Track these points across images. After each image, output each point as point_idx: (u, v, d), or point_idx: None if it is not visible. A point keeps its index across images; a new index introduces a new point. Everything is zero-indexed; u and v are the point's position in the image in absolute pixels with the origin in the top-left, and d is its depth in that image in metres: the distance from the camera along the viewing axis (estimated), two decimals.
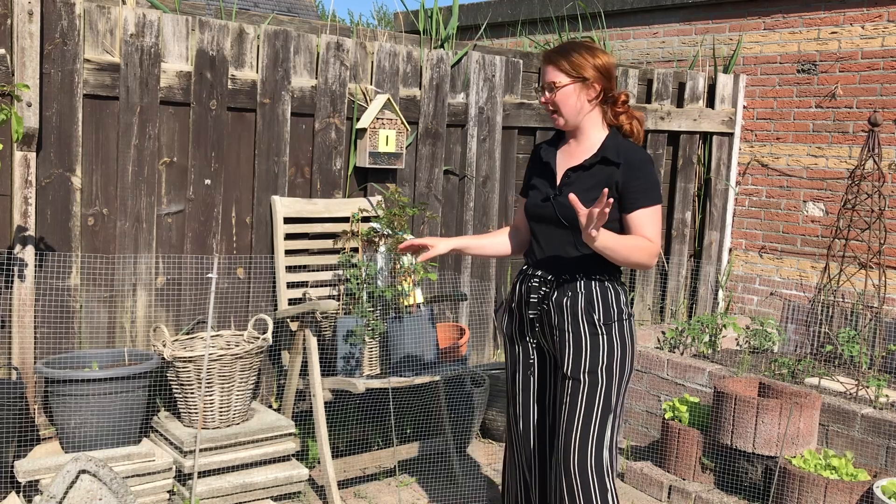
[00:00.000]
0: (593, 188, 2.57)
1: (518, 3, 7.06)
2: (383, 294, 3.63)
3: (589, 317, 2.60)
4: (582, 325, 2.60)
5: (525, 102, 4.78)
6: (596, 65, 2.60)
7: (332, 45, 4.00)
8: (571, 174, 2.64)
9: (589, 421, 2.59)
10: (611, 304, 2.62)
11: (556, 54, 2.62)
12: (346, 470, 3.67)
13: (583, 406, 2.59)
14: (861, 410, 3.91)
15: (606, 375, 2.60)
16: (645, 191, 2.56)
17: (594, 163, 2.60)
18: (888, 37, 4.98)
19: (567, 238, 2.63)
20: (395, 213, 3.83)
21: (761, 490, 3.75)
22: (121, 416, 3.19)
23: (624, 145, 2.61)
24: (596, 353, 2.59)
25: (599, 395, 2.59)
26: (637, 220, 2.57)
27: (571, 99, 2.61)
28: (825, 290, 4.54)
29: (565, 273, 2.64)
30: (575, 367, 2.61)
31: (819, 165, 5.32)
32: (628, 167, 2.56)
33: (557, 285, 2.65)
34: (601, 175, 2.59)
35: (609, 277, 2.64)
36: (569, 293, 2.62)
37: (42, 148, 3.34)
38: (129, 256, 3.56)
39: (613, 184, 2.56)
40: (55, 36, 3.31)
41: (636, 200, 2.56)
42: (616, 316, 2.62)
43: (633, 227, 2.58)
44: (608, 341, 2.61)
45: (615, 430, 2.64)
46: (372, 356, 3.68)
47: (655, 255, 2.56)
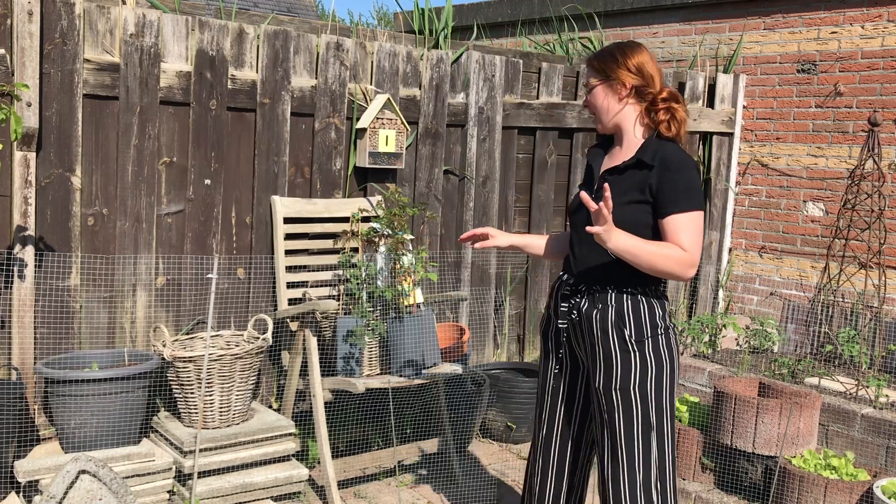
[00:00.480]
0: (627, 192, 2.49)
1: (518, 3, 7.06)
2: (383, 294, 3.63)
3: (619, 332, 2.50)
4: (612, 341, 2.51)
5: (525, 102, 4.78)
6: (626, 63, 2.53)
7: (332, 45, 4.00)
8: (608, 177, 2.55)
9: (631, 440, 2.52)
10: (643, 319, 2.51)
11: (592, 56, 2.60)
12: (346, 470, 3.67)
13: (621, 425, 2.52)
14: (861, 410, 3.91)
15: (640, 393, 2.50)
16: (679, 194, 2.43)
17: (629, 165, 2.51)
18: (888, 37, 4.98)
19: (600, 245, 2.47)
20: (395, 213, 3.83)
21: (761, 490, 3.75)
22: (121, 417, 3.19)
23: (662, 147, 2.50)
24: (627, 371, 2.50)
25: (637, 414, 2.51)
26: (670, 227, 2.43)
27: (599, 99, 2.57)
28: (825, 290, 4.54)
29: (596, 283, 2.54)
30: (606, 383, 2.53)
31: (819, 165, 5.32)
32: (662, 169, 2.45)
33: (588, 295, 2.56)
34: (635, 178, 2.49)
35: (643, 290, 2.52)
36: (599, 305, 2.53)
37: (42, 148, 3.34)
38: (129, 256, 3.56)
39: (647, 187, 2.46)
40: (55, 36, 3.31)
41: (669, 205, 2.44)
42: (649, 332, 2.51)
43: (666, 234, 2.45)
44: (640, 358, 2.50)
45: (665, 448, 2.54)
46: (372, 356, 3.68)
47: (689, 265, 2.41)
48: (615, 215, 2.43)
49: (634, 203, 2.48)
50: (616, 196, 2.47)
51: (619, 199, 2.47)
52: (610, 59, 2.55)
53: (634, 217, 2.48)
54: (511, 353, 4.96)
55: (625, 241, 2.36)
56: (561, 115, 4.93)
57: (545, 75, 4.85)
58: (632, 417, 2.51)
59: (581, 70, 5.03)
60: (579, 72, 5.03)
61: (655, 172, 2.46)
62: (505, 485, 3.93)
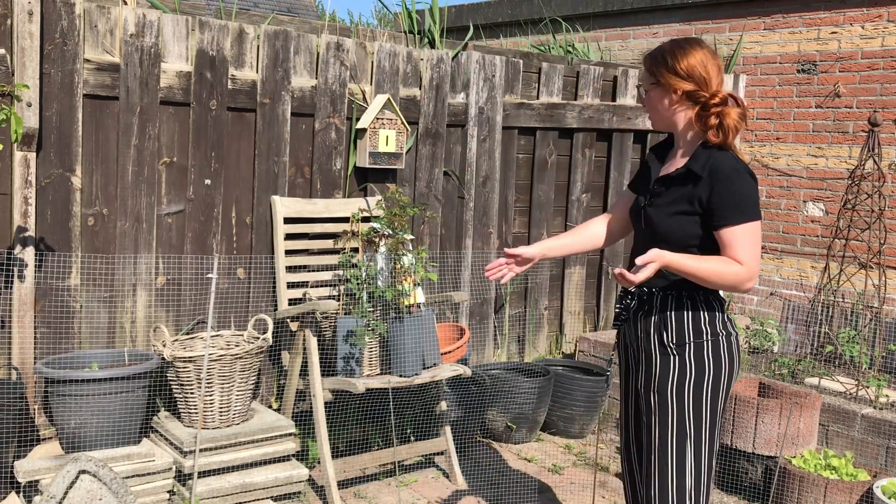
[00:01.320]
0: (676, 202, 2.43)
1: (518, 3, 7.06)
2: (383, 294, 3.63)
3: (659, 336, 2.48)
4: (653, 344, 2.49)
5: (525, 102, 4.78)
6: (675, 67, 2.43)
7: (332, 45, 4.00)
8: (659, 186, 2.50)
9: (665, 445, 2.48)
10: (686, 324, 2.45)
11: (648, 55, 2.51)
12: (346, 470, 3.66)
13: (657, 429, 2.49)
14: (861, 410, 3.91)
15: (677, 399, 2.46)
16: (732, 206, 2.34)
17: (679, 175, 2.44)
18: (888, 37, 4.98)
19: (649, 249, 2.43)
20: (395, 213, 3.83)
21: (761, 490, 3.75)
22: (121, 417, 3.19)
23: (714, 156, 2.39)
24: (666, 375, 2.46)
25: (672, 419, 2.47)
26: (724, 240, 2.36)
27: (654, 102, 2.50)
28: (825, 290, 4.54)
29: (646, 286, 2.50)
30: (646, 386, 2.51)
31: (819, 165, 5.32)
32: (713, 180, 2.36)
33: (638, 298, 2.55)
34: (684, 189, 2.43)
35: (691, 295, 2.46)
36: (644, 307, 2.52)
37: (42, 148, 3.34)
38: (129, 256, 3.56)
39: (696, 199, 2.39)
40: (55, 36, 3.31)
41: (722, 217, 2.35)
42: (692, 337, 2.45)
43: (722, 248, 2.37)
44: (679, 363, 2.45)
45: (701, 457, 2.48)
46: (372, 356, 3.68)
47: (746, 279, 2.34)
48: (663, 225, 2.44)
49: (682, 214, 2.43)
50: (665, 206, 2.45)
51: (667, 209, 2.44)
52: (661, 62, 2.46)
53: (681, 227, 2.43)
54: (511, 353, 4.96)
55: (679, 262, 2.31)
56: (561, 115, 4.93)
57: (545, 75, 4.85)
58: (667, 422, 2.48)
59: (581, 70, 5.03)
60: (579, 72, 5.03)
61: (705, 184, 2.37)
62: (505, 484, 3.93)
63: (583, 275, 5.21)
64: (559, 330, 5.17)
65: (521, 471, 4.09)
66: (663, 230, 2.44)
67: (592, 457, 4.29)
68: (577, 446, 4.47)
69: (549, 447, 4.45)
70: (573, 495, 3.85)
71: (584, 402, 4.50)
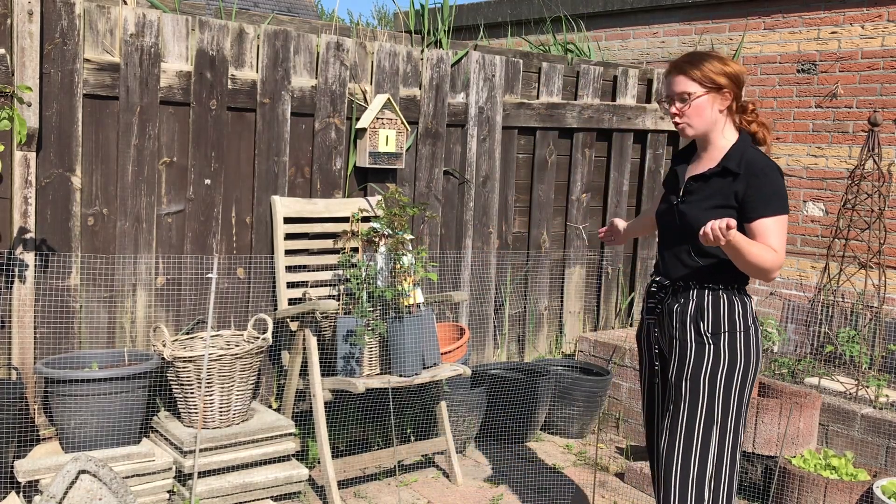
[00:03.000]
0: (711, 197, 2.57)
1: (518, 3, 7.06)
2: (383, 294, 3.63)
3: (696, 325, 2.58)
4: (689, 333, 2.59)
5: (525, 102, 4.78)
6: (727, 73, 2.55)
7: (332, 45, 4.00)
8: (693, 183, 2.63)
9: (692, 432, 2.56)
10: (722, 313, 2.57)
11: (687, 64, 2.57)
12: (346, 470, 3.66)
13: (685, 415, 2.57)
14: (861, 410, 3.91)
15: (709, 386, 2.55)
16: (767, 199, 2.49)
17: (715, 172, 2.58)
18: (888, 37, 4.98)
19: (684, 246, 2.62)
20: (395, 212, 3.83)
21: (761, 490, 3.75)
22: (121, 416, 3.19)
23: (748, 153, 2.56)
24: (700, 363, 2.56)
25: (701, 407, 2.56)
26: (758, 230, 2.49)
27: (706, 110, 2.57)
28: (825, 290, 4.54)
29: (680, 280, 2.64)
30: (678, 374, 2.59)
31: (819, 165, 5.32)
32: (749, 175, 2.51)
33: (672, 292, 2.66)
34: (721, 185, 2.56)
35: (726, 287, 2.59)
36: (680, 300, 2.63)
37: (42, 148, 3.34)
38: (129, 256, 3.56)
39: (732, 194, 2.53)
40: (55, 36, 3.31)
41: (757, 209, 2.50)
42: (727, 327, 2.56)
43: (756, 238, 2.50)
44: (714, 352, 2.56)
45: (725, 446, 2.57)
46: (372, 356, 3.68)
47: (779, 266, 2.48)
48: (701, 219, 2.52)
49: (718, 208, 2.55)
50: (699, 201, 2.58)
51: (702, 203, 2.56)
52: (714, 69, 2.54)
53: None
54: (511, 353, 4.96)
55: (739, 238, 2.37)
56: (561, 115, 4.93)
57: (545, 75, 4.85)
58: (696, 409, 2.56)
59: (581, 70, 5.02)
60: (579, 72, 5.03)
61: (742, 179, 2.51)
62: (505, 484, 3.93)
63: (583, 275, 5.21)
64: (559, 330, 5.17)
65: (520, 470, 4.09)
66: (699, 224, 2.52)
67: (592, 457, 4.29)
68: (577, 446, 4.47)
69: (549, 447, 4.45)
70: (573, 495, 3.85)
71: (584, 402, 4.50)
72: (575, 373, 4.69)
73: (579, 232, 5.15)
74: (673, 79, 2.59)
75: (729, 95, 2.58)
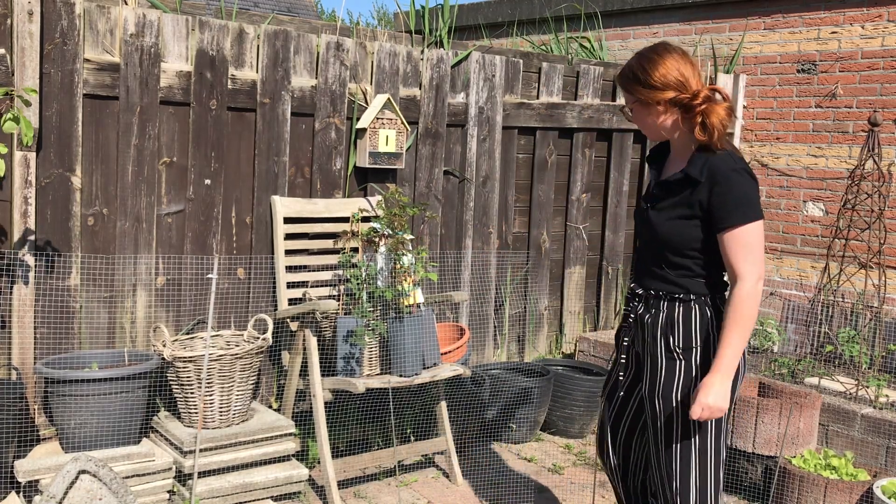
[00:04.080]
0: (675, 207, 2.43)
1: (518, 3, 7.06)
2: (383, 294, 3.63)
3: (666, 340, 2.44)
4: (659, 348, 2.46)
5: (525, 102, 4.78)
6: (650, 81, 2.37)
7: (332, 45, 4.00)
8: (658, 191, 2.50)
9: (670, 451, 2.46)
10: (693, 327, 2.42)
11: (620, 77, 2.48)
12: (346, 470, 3.66)
13: (662, 434, 2.47)
14: (861, 410, 3.91)
15: (682, 404, 2.42)
16: (732, 208, 2.31)
17: (677, 179, 2.43)
18: (888, 37, 4.98)
19: (655, 252, 2.48)
20: (395, 213, 3.83)
21: (761, 490, 3.75)
22: (121, 416, 3.19)
23: (713, 158, 2.36)
24: (671, 379, 2.43)
25: (676, 423, 2.44)
26: (725, 244, 2.34)
27: (640, 118, 2.48)
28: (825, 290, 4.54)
29: (652, 289, 2.51)
30: (650, 389, 2.48)
31: (819, 165, 5.32)
32: (712, 183, 2.34)
33: (645, 301, 2.53)
34: (682, 194, 2.42)
35: (698, 298, 2.43)
36: (652, 311, 2.49)
37: (42, 148, 3.34)
38: (129, 256, 3.56)
39: (697, 203, 2.37)
40: (55, 36, 3.31)
41: (723, 219, 2.33)
42: (699, 342, 2.41)
43: (723, 250, 2.36)
44: (685, 368, 2.42)
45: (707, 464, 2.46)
46: (372, 356, 3.68)
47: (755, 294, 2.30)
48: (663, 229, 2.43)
49: (682, 219, 2.41)
50: (666, 209, 2.44)
51: (666, 213, 2.43)
52: (633, 80, 2.41)
53: (680, 232, 2.42)
54: (511, 353, 4.96)
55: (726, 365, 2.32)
56: (561, 115, 4.93)
57: (545, 75, 4.85)
58: (671, 427, 2.45)
59: (581, 70, 5.03)
60: (579, 72, 5.03)
61: (704, 188, 2.35)
62: (505, 484, 3.93)
63: (583, 275, 5.21)
64: (559, 330, 5.17)
65: (521, 470, 4.09)
66: (663, 234, 2.44)
67: (592, 457, 4.29)
68: (577, 446, 4.47)
69: (549, 447, 4.45)
70: (573, 495, 3.85)
71: (584, 402, 4.50)
72: (575, 373, 4.69)
73: (579, 232, 5.15)
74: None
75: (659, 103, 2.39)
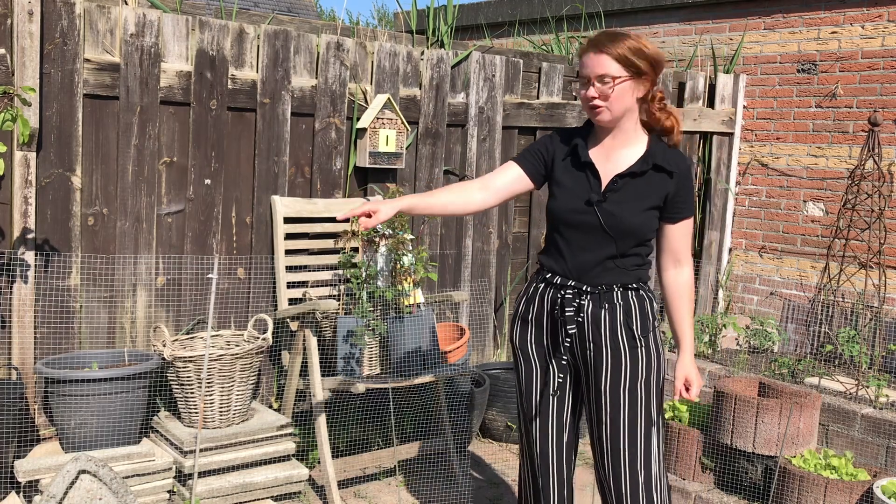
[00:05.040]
0: (647, 197, 2.42)
1: (518, 3, 7.06)
2: (384, 294, 3.63)
3: (628, 330, 2.47)
4: (621, 339, 2.47)
5: (525, 102, 4.78)
6: (649, 56, 2.34)
7: (332, 45, 4.00)
8: (619, 181, 2.42)
9: (635, 438, 2.48)
10: (647, 313, 2.50)
11: (609, 42, 2.32)
12: (346, 470, 3.67)
13: (625, 423, 2.48)
14: (861, 410, 3.91)
15: (645, 388, 2.48)
16: (690, 199, 2.47)
17: (645, 169, 2.41)
18: (888, 37, 4.98)
19: (606, 245, 2.44)
20: None
21: (761, 490, 3.75)
22: (121, 416, 3.19)
23: (670, 152, 2.44)
24: (636, 367, 2.47)
25: (641, 410, 2.48)
26: (680, 232, 2.49)
27: (627, 95, 2.35)
28: (825, 290, 4.54)
29: (602, 283, 2.47)
30: (614, 383, 2.47)
31: (819, 165, 5.32)
32: (681, 177, 2.43)
33: (592, 296, 2.48)
34: (654, 182, 2.42)
35: (643, 285, 2.53)
36: (605, 305, 2.47)
37: (42, 148, 3.34)
38: (129, 256, 3.56)
39: (665, 193, 2.42)
40: (55, 36, 3.31)
41: (682, 211, 2.46)
42: (651, 326, 2.51)
43: (675, 237, 2.49)
44: (646, 353, 2.49)
45: (660, 442, 2.55)
46: (372, 356, 3.68)
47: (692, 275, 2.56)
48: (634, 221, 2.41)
49: (652, 209, 2.44)
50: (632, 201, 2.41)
51: (635, 204, 2.41)
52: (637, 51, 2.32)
53: (649, 222, 2.46)
54: (511, 354, 4.96)
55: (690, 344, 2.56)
56: (561, 114, 4.93)
57: (545, 75, 4.85)
58: (636, 415, 2.48)
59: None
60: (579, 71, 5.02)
61: (676, 180, 2.42)
62: (505, 484, 3.93)
63: None
64: None
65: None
66: (633, 225, 2.42)
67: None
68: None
69: None
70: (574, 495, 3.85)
71: None
72: None
73: None
74: (592, 57, 2.33)
75: (647, 82, 2.37)
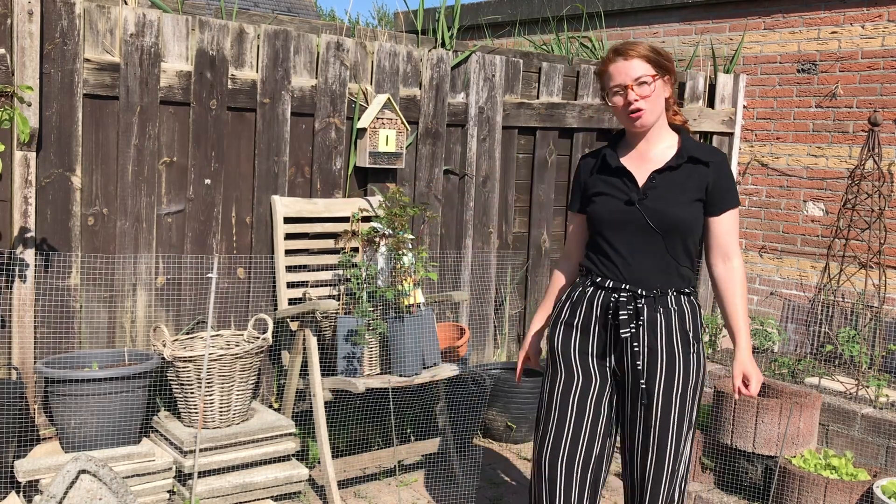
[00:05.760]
0: (688, 190, 2.44)
1: (518, 3, 7.06)
2: (384, 294, 3.63)
3: (684, 335, 2.47)
4: (676, 344, 2.46)
5: (525, 102, 4.77)
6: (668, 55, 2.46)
7: (332, 45, 4.00)
8: (657, 176, 2.45)
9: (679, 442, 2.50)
10: (699, 319, 2.52)
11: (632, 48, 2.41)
12: (346, 470, 3.67)
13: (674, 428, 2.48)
14: (861, 410, 3.91)
15: (693, 394, 2.50)
16: (732, 188, 2.48)
17: (681, 163, 2.45)
18: (888, 37, 4.98)
19: (656, 245, 2.45)
20: (395, 212, 3.83)
21: (761, 490, 3.75)
22: (121, 416, 3.19)
23: (703, 145, 2.52)
24: (688, 373, 2.48)
25: (686, 413, 2.49)
26: (726, 224, 2.48)
27: (660, 94, 2.45)
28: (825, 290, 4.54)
29: (656, 286, 2.46)
30: (667, 388, 2.47)
31: (819, 165, 5.32)
32: (718, 166, 2.46)
33: (647, 300, 2.46)
34: (693, 174, 2.45)
35: (693, 290, 2.54)
36: (661, 309, 2.46)
37: (42, 148, 3.34)
38: (129, 256, 3.56)
39: (705, 185, 2.45)
40: (55, 36, 3.31)
41: (725, 200, 2.47)
42: (700, 332, 2.52)
43: (721, 231, 2.49)
44: (697, 359, 2.50)
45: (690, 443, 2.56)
46: (372, 356, 3.68)
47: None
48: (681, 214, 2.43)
49: (695, 202, 2.47)
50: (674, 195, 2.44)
51: (679, 197, 2.43)
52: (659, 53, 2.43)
53: (696, 214, 2.47)
54: (511, 353, 4.96)
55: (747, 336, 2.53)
56: (561, 114, 4.93)
57: (545, 75, 4.85)
58: (683, 419, 2.49)
59: (581, 70, 5.02)
60: (579, 72, 5.02)
61: (713, 169, 2.45)
62: (505, 484, 3.93)
63: None
64: None
65: (520, 470, 4.09)
66: (678, 218, 2.43)
67: None
68: None
69: None
70: None
71: None
72: None
73: None
74: (623, 64, 2.39)
75: (670, 82, 2.46)
